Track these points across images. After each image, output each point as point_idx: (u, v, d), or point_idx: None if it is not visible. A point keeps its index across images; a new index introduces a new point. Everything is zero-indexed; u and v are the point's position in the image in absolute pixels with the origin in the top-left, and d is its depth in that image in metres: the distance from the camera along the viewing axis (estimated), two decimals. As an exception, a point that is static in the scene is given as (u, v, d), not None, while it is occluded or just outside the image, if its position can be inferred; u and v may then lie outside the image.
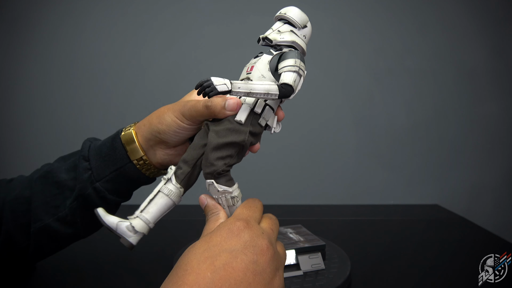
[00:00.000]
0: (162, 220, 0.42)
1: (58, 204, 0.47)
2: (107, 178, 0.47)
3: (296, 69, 0.39)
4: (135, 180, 0.48)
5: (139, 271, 0.62)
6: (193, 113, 0.42)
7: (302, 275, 0.56)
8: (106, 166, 0.47)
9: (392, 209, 1.03)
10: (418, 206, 1.06)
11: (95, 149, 0.48)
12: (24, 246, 0.48)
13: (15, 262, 0.50)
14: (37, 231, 0.47)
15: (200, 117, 0.42)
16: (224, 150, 0.38)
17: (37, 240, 0.47)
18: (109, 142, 0.48)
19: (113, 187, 0.47)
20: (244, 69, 0.43)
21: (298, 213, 0.96)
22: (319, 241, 0.60)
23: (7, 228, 0.47)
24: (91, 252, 0.68)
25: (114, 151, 0.47)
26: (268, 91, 0.37)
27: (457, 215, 0.97)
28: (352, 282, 0.58)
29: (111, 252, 0.69)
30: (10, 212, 0.47)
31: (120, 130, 0.48)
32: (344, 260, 0.61)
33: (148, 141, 0.46)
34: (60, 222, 0.47)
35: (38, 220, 0.47)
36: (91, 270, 0.62)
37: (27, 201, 0.47)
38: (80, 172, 0.47)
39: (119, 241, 0.38)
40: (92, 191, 0.46)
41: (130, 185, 0.49)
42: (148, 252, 0.68)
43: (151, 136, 0.46)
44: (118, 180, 0.47)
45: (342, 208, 1.03)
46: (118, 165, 0.47)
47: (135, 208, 0.41)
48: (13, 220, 0.47)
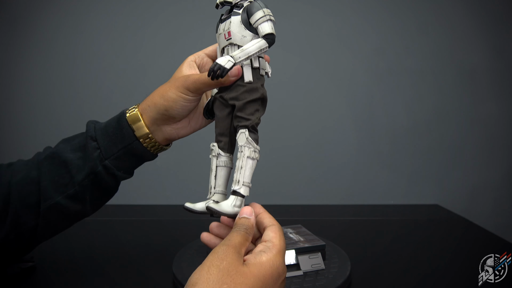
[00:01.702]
0: (162, 220, 0.42)
1: (66, 182, 0.50)
2: (115, 155, 0.50)
3: (268, 17, 0.44)
4: (140, 156, 0.52)
5: (139, 271, 0.62)
6: (199, 85, 0.46)
7: (302, 275, 0.56)
8: (114, 144, 0.50)
9: (392, 209, 1.03)
10: (418, 206, 1.06)
11: (101, 129, 0.51)
12: (32, 225, 0.50)
13: (22, 243, 0.51)
14: (47, 209, 0.49)
15: (206, 88, 0.47)
16: (250, 107, 0.44)
17: (46, 218, 0.50)
18: (114, 122, 0.51)
19: (121, 164, 0.50)
20: (219, 37, 0.47)
21: (298, 213, 0.96)
22: (319, 241, 0.60)
23: (15, 209, 0.49)
24: (91, 252, 0.68)
25: (121, 130, 0.50)
26: (261, 47, 0.43)
27: (457, 215, 0.97)
28: (352, 282, 0.58)
29: (111, 252, 0.69)
30: (17, 192, 0.49)
31: (123, 112, 0.51)
32: (344, 260, 0.61)
33: (155, 121, 0.50)
34: (70, 199, 0.50)
35: (48, 199, 0.49)
36: (91, 270, 0.62)
37: (35, 181, 0.50)
38: (90, 151, 0.50)
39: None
40: (102, 168, 0.49)
41: (135, 161, 0.52)
42: (148, 252, 0.68)
43: (158, 115, 0.49)
44: (126, 157, 0.50)
45: (342, 208, 1.03)
46: (126, 142, 0.50)
47: (132, 207, 0.41)
48: (20, 201, 0.49)
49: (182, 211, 0.47)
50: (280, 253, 0.38)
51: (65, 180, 0.50)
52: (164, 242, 0.72)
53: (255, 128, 0.45)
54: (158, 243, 0.71)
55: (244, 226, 0.40)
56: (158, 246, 0.71)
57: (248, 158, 0.43)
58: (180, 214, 0.73)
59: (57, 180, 0.50)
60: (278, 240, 0.39)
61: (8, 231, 0.49)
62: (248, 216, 0.41)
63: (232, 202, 0.43)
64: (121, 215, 0.88)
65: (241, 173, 0.43)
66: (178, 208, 0.46)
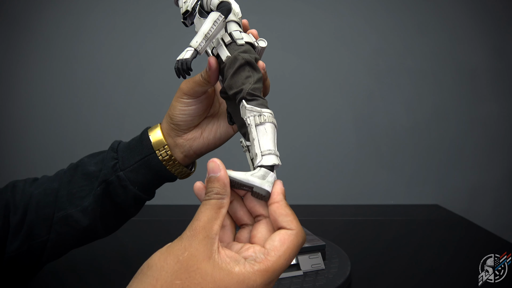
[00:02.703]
0: (162, 220, 0.42)
1: (84, 195, 0.49)
2: (131, 167, 0.48)
3: None
4: (158, 173, 0.49)
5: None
6: (191, 85, 0.45)
7: (302, 275, 0.56)
8: (132, 156, 0.49)
9: (392, 209, 1.03)
10: (418, 206, 1.06)
11: (125, 144, 0.51)
12: (44, 239, 0.49)
13: (32, 259, 0.50)
14: (58, 220, 0.48)
15: (198, 87, 0.45)
16: (238, 78, 0.39)
17: (56, 231, 0.48)
18: (137, 137, 0.51)
19: (136, 177, 0.49)
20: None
21: (298, 213, 0.96)
22: (319, 241, 0.60)
23: (31, 220, 0.48)
24: (91, 252, 0.68)
25: (141, 142, 0.49)
26: (215, 20, 0.39)
27: (457, 215, 0.97)
28: (352, 282, 0.58)
29: (111, 252, 0.69)
30: (35, 203, 0.49)
31: (147, 127, 0.51)
32: (344, 260, 0.61)
33: (168, 133, 0.49)
34: (82, 212, 0.48)
35: (61, 209, 0.48)
36: (91, 271, 0.62)
37: (54, 192, 0.49)
38: (107, 161, 0.49)
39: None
40: (115, 178, 0.48)
41: (152, 178, 0.50)
42: (148, 252, 0.68)
43: (168, 125, 0.49)
44: (142, 171, 0.49)
45: (342, 208, 1.03)
46: (143, 154, 0.49)
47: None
48: (36, 211, 0.48)
49: (182, 211, 0.47)
50: (266, 273, 0.29)
51: (84, 193, 0.49)
52: (164, 242, 0.72)
53: (253, 94, 0.38)
54: (158, 243, 0.71)
55: (213, 192, 0.32)
56: (158, 246, 0.70)
57: (256, 126, 0.37)
58: (180, 214, 0.73)
59: (75, 193, 0.49)
60: (276, 257, 0.30)
61: (21, 243, 0.48)
62: (214, 174, 0.32)
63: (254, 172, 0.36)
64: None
65: (256, 145, 0.36)
66: (178, 208, 0.46)
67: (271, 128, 0.37)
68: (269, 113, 0.37)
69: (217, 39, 0.41)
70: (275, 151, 0.37)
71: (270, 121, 0.37)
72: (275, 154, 0.36)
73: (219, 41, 0.41)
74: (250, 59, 0.40)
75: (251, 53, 0.41)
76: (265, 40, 0.44)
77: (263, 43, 0.44)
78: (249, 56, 0.40)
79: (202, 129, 0.50)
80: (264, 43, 0.44)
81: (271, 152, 0.36)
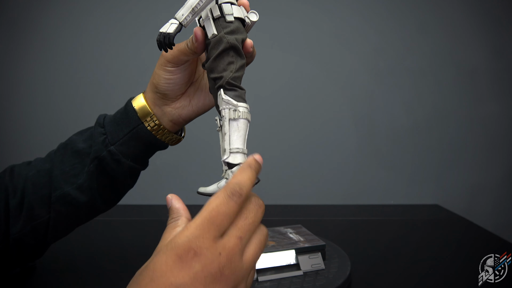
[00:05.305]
0: (162, 220, 0.42)
1: (77, 172, 0.49)
2: (121, 141, 0.49)
3: None
4: (148, 143, 0.50)
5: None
6: (175, 53, 0.45)
7: (302, 275, 0.56)
8: (120, 129, 0.49)
9: (392, 209, 1.03)
10: (418, 206, 1.06)
11: (110, 117, 0.51)
12: (45, 219, 0.49)
13: (37, 239, 0.50)
14: (56, 200, 0.49)
15: (182, 55, 0.45)
16: (220, 63, 0.38)
17: (57, 210, 0.49)
18: (122, 109, 0.50)
19: (127, 150, 0.49)
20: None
21: (298, 213, 0.96)
22: (319, 241, 0.60)
23: (29, 201, 0.49)
24: (91, 252, 0.68)
25: (127, 114, 0.49)
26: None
27: (457, 215, 0.97)
28: (352, 282, 0.58)
29: (111, 252, 0.69)
30: (31, 184, 0.49)
31: (130, 98, 0.51)
32: (344, 260, 0.61)
33: (154, 102, 0.49)
34: (79, 190, 0.49)
35: (58, 189, 0.49)
36: (91, 270, 0.62)
37: (48, 173, 0.50)
38: (96, 137, 0.49)
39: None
40: (107, 154, 0.48)
41: (144, 149, 0.50)
42: (148, 252, 0.68)
43: (153, 95, 0.49)
44: (132, 143, 0.49)
45: (342, 208, 1.03)
46: (131, 127, 0.49)
47: (132, 207, 0.41)
48: (34, 193, 0.49)
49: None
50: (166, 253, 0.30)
51: (76, 171, 0.49)
52: (164, 242, 0.72)
53: (233, 84, 0.38)
54: (158, 243, 0.71)
55: (170, 217, 0.35)
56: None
57: (230, 121, 0.37)
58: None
59: (68, 171, 0.49)
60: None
61: (23, 225, 0.49)
62: (168, 206, 0.36)
63: (220, 181, 0.37)
64: (121, 215, 0.88)
65: (226, 140, 0.36)
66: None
67: (243, 125, 0.37)
68: (244, 107, 0.37)
69: (206, 10, 0.40)
70: (244, 149, 0.37)
71: (244, 117, 0.37)
72: (242, 153, 0.37)
73: (207, 14, 0.39)
74: (235, 43, 0.38)
75: (239, 33, 0.40)
76: (257, 13, 0.42)
77: (254, 17, 0.42)
78: (235, 39, 0.38)
79: (191, 97, 0.51)
80: (255, 17, 0.42)
81: (239, 151, 0.37)
